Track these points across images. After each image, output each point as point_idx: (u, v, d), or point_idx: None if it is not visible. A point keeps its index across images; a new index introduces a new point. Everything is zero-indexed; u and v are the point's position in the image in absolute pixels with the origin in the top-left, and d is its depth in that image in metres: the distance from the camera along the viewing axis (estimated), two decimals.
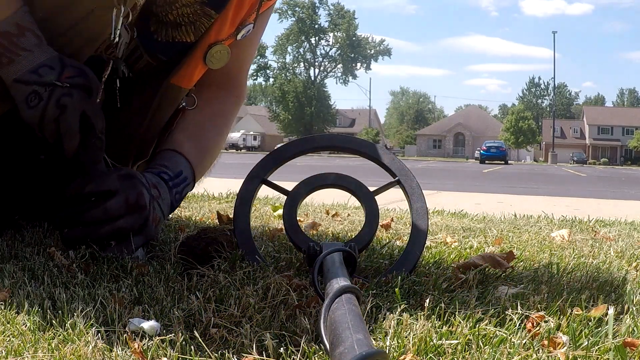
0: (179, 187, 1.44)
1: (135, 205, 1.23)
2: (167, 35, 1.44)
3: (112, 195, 1.22)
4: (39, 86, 1.21)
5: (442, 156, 58.68)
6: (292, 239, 1.26)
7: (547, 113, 71.14)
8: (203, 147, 1.56)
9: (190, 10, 1.42)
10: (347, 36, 55.26)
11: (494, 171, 17.06)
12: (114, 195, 1.22)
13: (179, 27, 1.44)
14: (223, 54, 1.49)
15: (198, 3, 1.41)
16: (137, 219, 1.24)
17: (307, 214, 2.37)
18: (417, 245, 1.27)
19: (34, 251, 1.24)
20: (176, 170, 1.44)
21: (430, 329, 0.86)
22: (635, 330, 0.91)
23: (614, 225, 2.52)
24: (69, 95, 1.23)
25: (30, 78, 1.21)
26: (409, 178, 1.34)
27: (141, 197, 1.25)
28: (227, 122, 1.69)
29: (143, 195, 1.25)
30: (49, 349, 0.74)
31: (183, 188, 1.46)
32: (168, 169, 1.43)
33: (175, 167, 1.44)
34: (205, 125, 1.59)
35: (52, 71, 1.22)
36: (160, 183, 1.38)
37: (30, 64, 1.22)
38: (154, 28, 1.43)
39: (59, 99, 1.22)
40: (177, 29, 1.44)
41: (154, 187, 1.33)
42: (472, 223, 2.35)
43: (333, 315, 0.71)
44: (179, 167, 1.45)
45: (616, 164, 52.11)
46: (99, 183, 1.22)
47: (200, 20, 1.44)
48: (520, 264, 1.42)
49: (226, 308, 0.91)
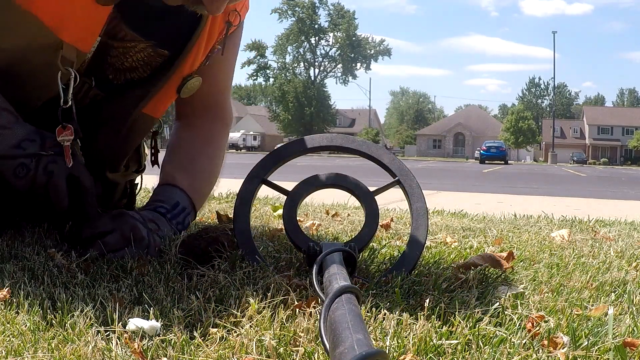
0: (178, 217, 1.47)
1: (131, 239, 1.28)
2: (124, 77, 1.49)
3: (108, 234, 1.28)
4: (24, 158, 1.29)
5: (442, 156, 58.68)
6: (292, 239, 1.26)
7: (547, 113, 71.14)
8: (196, 175, 1.59)
9: (144, 55, 1.47)
10: (347, 36, 55.25)
11: (494, 171, 17.06)
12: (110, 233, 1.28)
13: (135, 70, 1.49)
14: (195, 84, 1.54)
15: (150, 47, 1.46)
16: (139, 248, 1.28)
17: (307, 214, 2.37)
18: (417, 245, 1.27)
19: (34, 251, 1.24)
20: (172, 202, 1.48)
21: (430, 329, 0.86)
22: (635, 330, 0.91)
23: (614, 225, 2.52)
24: (54, 162, 1.30)
25: (16, 153, 1.29)
26: (408, 178, 1.34)
27: (136, 230, 1.29)
28: (218, 147, 1.71)
29: (138, 228, 1.30)
30: (49, 349, 0.74)
31: (184, 218, 1.49)
32: (164, 203, 1.48)
33: (170, 200, 1.49)
34: (196, 154, 1.62)
35: (34, 143, 1.30)
36: (159, 217, 1.42)
37: (13, 140, 1.29)
38: (112, 76, 1.48)
39: (45, 166, 1.30)
40: (134, 72, 1.49)
41: (151, 222, 1.37)
42: (472, 223, 2.35)
43: (333, 315, 0.71)
44: (175, 198, 1.50)
45: (616, 164, 52.12)
46: (93, 227, 1.28)
47: (154, 60, 1.49)
48: (520, 264, 1.42)
49: (226, 308, 0.91)
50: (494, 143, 40.08)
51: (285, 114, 54.23)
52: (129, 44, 1.44)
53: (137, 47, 1.45)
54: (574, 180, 12.96)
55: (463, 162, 38.95)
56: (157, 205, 1.46)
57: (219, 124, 1.72)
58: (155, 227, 1.37)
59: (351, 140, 1.42)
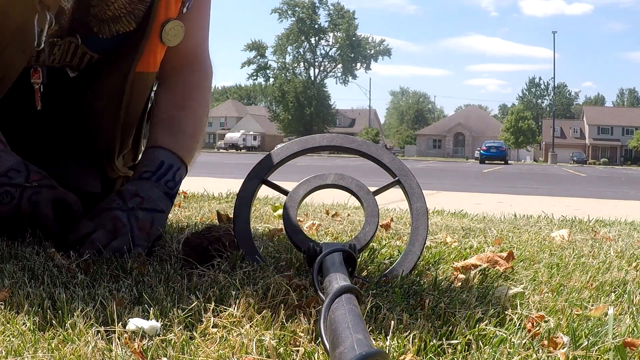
0: (166, 175, 1.47)
1: (115, 230, 1.32)
2: (110, 31, 1.50)
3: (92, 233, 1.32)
4: (10, 187, 1.34)
5: (442, 156, 58.68)
6: (292, 239, 1.26)
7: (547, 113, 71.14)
8: (180, 131, 1.57)
9: (125, 1, 1.47)
10: (347, 36, 55.25)
11: (494, 171, 17.06)
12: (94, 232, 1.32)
13: (119, 20, 1.49)
14: (177, 29, 1.53)
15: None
16: (124, 239, 1.32)
17: (307, 214, 2.37)
18: (417, 245, 1.27)
19: (34, 251, 1.24)
20: (156, 164, 1.48)
21: (430, 329, 0.86)
22: (635, 330, 0.91)
23: (614, 225, 2.52)
24: (38, 193, 1.36)
25: (2, 181, 1.34)
26: (408, 178, 1.34)
27: (117, 221, 1.34)
28: (200, 98, 1.68)
29: (118, 218, 1.34)
30: (49, 349, 0.74)
31: (173, 174, 1.49)
32: (147, 167, 1.48)
33: (153, 162, 1.49)
34: (176, 111, 1.61)
35: (19, 174, 1.36)
36: (142, 186, 1.43)
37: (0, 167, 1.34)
38: (96, 29, 1.49)
39: (29, 197, 1.35)
40: (118, 22, 1.49)
41: (133, 196, 1.39)
42: (472, 223, 2.35)
43: (333, 315, 0.71)
44: (158, 159, 1.49)
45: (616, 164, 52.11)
46: (76, 231, 1.33)
47: (137, 7, 1.49)
48: (520, 264, 1.42)
49: (226, 308, 0.91)
50: (494, 143, 40.06)
51: (285, 114, 54.23)
52: None
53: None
54: (574, 180, 12.96)
55: (463, 162, 38.94)
56: (140, 173, 1.47)
57: (198, 75, 1.70)
58: (138, 201, 1.39)
59: (351, 140, 1.42)
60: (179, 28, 1.53)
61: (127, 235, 1.32)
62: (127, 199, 1.38)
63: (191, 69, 1.68)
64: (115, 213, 1.35)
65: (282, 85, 54.84)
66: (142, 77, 1.56)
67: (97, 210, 1.38)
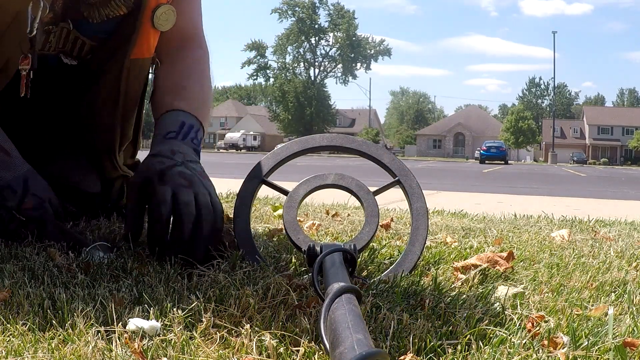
0: (189, 134, 1.46)
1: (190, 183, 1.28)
2: (100, 15, 1.50)
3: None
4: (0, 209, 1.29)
5: (442, 156, 58.68)
6: (292, 239, 1.26)
7: (547, 113, 71.12)
8: (190, 96, 1.57)
9: None
10: (347, 36, 55.24)
11: (494, 171, 17.05)
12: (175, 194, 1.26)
13: (108, 4, 1.50)
14: (169, 14, 1.53)
15: None
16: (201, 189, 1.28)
17: (307, 214, 2.37)
18: (417, 245, 1.27)
19: (34, 251, 1.24)
20: (178, 124, 1.46)
21: (430, 329, 0.86)
22: (635, 330, 0.91)
23: (614, 225, 2.52)
24: (25, 227, 1.29)
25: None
26: (409, 178, 1.34)
27: (184, 175, 1.29)
28: (203, 71, 1.69)
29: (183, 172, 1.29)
30: (49, 349, 0.74)
31: (195, 133, 1.48)
32: (169, 127, 1.45)
33: (174, 123, 1.47)
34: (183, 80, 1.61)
35: (14, 195, 1.30)
36: (172, 144, 1.39)
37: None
38: (86, 13, 1.49)
39: (15, 228, 1.29)
40: (107, 6, 1.50)
41: (174, 153, 1.36)
42: (472, 223, 2.35)
43: (333, 315, 0.71)
44: (179, 119, 1.48)
45: (616, 164, 52.11)
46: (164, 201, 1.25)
47: None
48: (520, 264, 1.42)
49: (226, 308, 0.91)
50: (494, 143, 40.05)
51: (286, 114, 54.23)
52: None
53: None
54: (574, 180, 12.96)
55: (463, 162, 38.94)
56: (164, 133, 1.44)
57: (199, 51, 1.71)
58: (181, 156, 1.35)
59: (351, 140, 1.42)
60: (171, 12, 1.53)
61: (200, 184, 1.29)
62: (170, 155, 1.35)
63: (190, 46, 1.70)
64: (177, 169, 1.30)
65: (282, 85, 54.84)
66: (137, 63, 1.57)
67: (159, 174, 1.29)
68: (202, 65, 1.70)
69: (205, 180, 1.33)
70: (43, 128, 1.63)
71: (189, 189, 1.26)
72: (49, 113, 1.61)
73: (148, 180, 1.29)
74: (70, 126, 1.63)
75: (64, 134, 1.64)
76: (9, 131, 1.42)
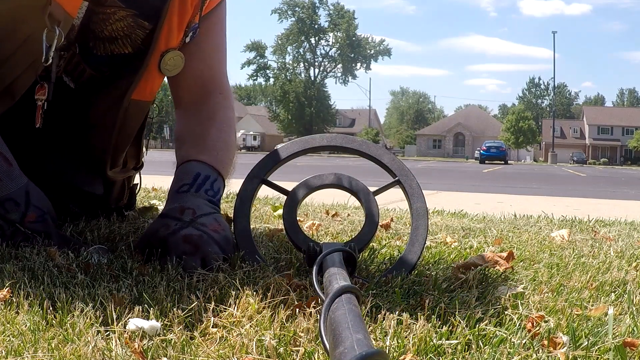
0: (204, 186, 1.40)
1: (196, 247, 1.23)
2: (105, 49, 1.51)
3: None
4: (3, 221, 1.28)
5: (442, 156, 58.68)
6: (292, 239, 1.26)
7: (547, 113, 71.13)
8: (211, 147, 1.50)
9: (124, 24, 1.48)
10: (347, 36, 55.23)
11: (493, 171, 17.05)
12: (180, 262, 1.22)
13: (115, 41, 1.50)
14: (177, 60, 1.53)
15: (131, 16, 1.47)
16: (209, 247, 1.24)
17: (307, 214, 2.37)
18: (417, 245, 1.27)
19: (34, 251, 1.24)
20: (192, 176, 1.41)
21: (430, 329, 0.86)
22: (635, 330, 0.91)
23: (614, 225, 2.52)
24: (27, 240, 1.28)
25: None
26: (409, 178, 1.34)
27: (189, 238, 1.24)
28: (224, 118, 1.62)
29: (188, 236, 1.24)
30: (49, 349, 0.74)
31: (211, 184, 1.42)
32: (183, 180, 1.41)
33: (189, 175, 1.42)
34: (203, 130, 1.56)
35: (17, 208, 1.29)
36: (183, 199, 1.35)
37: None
38: (92, 44, 1.50)
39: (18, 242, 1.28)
40: (114, 43, 1.50)
41: (182, 211, 1.31)
42: (472, 223, 2.35)
43: (333, 315, 0.71)
44: (193, 171, 1.43)
45: (616, 164, 52.10)
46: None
47: (135, 32, 1.50)
48: (520, 264, 1.42)
49: (226, 308, 0.91)
50: (494, 143, 40.03)
51: (286, 114, 54.24)
52: (110, 9, 1.45)
53: (117, 14, 1.46)
54: (574, 180, 12.96)
55: (463, 162, 38.93)
56: (178, 187, 1.40)
57: (219, 97, 1.65)
58: (191, 212, 1.30)
59: (351, 140, 1.42)
60: (179, 58, 1.52)
61: (209, 242, 1.23)
62: (178, 216, 1.30)
63: (212, 92, 1.64)
64: (181, 233, 1.25)
65: (282, 85, 54.84)
66: (137, 105, 1.57)
67: (162, 241, 1.25)
68: (223, 111, 1.62)
69: (218, 232, 1.27)
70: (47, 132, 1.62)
71: (195, 255, 1.21)
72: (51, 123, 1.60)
73: (151, 247, 1.26)
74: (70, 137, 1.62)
75: (66, 141, 1.63)
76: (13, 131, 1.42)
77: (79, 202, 1.63)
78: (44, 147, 1.60)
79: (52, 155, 1.60)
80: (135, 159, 1.80)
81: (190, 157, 1.46)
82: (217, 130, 1.56)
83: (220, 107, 1.63)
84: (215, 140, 1.53)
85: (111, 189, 1.73)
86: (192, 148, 1.49)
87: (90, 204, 1.66)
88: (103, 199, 1.70)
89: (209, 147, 1.50)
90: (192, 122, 1.58)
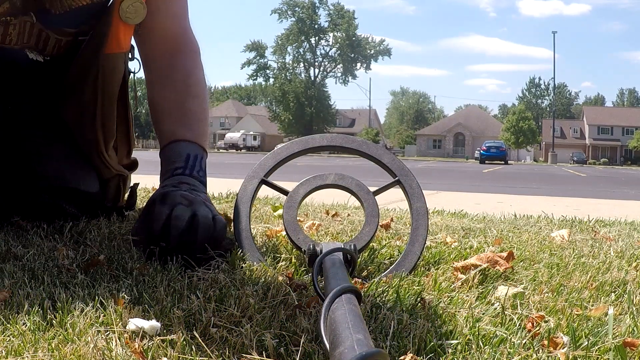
0: (195, 167, 1.49)
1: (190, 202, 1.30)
2: (62, 6, 1.47)
3: None
4: None
5: (442, 156, 58.68)
6: (292, 239, 1.26)
7: (547, 113, 71.14)
8: (192, 119, 1.58)
9: None
10: (347, 36, 55.24)
11: (493, 171, 17.05)
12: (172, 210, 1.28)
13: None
14: (137, 6, 1.51)
15: None
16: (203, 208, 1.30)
17: (307, 214, 2.37)
18: (417, 245, 1.27)
19: (34, 251, 1.24)
20: (183, 158, 1.49)
21: (430, 329, 0.86)
22: (635, 330, 0.91)
23: (614, 225, 2.52)
24: None
25: None
26: (409, 178, 1.34)
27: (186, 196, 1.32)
28: (198, 79, 1.66)
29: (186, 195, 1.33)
30: (49, 349, 0.74)
31: (200, 164, 1.51)
32: (176, 163, 1.49)
33: (180, 157, 1.50)
34: (181, 97, 1.59)
35: None
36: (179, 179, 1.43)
37: None
38: (48, 4, 1.46)
39: None
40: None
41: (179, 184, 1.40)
42: (472, 223, 2.35)
43: (333, 315, 0.71)
44: (184, 152, 1.50)
45: (616, 164, 52.09)
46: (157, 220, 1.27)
47: None
48: (520, 264, 1.42)
49: (226, 308, 0.91)
50: (494, 143, 40.03)
51: (286, 114, 54.25)
52: None
53: None
54: (574, 180, 12.96)
55: (463, 162, 38.94)
56: (172, 170, 1.47)
57: (189, 55, 1.67)
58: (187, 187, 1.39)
59: (351, 140, 1.42)
60: (139, 4, 1.50)
61: (202, 204, 1.31)
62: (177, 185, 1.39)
63: (182, 50, 1.65)
64: (180, 192, 1.33)
65: (282, 85, 54.85)
66: (110, 58, 1.54)
67: (160, 195, 1.33)
68: (196, 72, 1.65)
69: (210, 204, 1.35)
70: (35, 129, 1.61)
71: (187, 207, 1.28)
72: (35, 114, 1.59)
73: (152, 202, 1.32)
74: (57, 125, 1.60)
75: (56, 134, 1.61)
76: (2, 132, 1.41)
77: (75, 202, 1.62)
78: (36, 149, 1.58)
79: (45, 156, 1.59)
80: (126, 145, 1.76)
81: (177, 136, 1.53)
82: (196, 97, 1.62)
83: (194, 68, 1.66)
84: (195, 109, 1.60)
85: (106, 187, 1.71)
86: (176, 122, 1.56)
87: (88, 204, 1.66)
88: (99, 198, 1.68)
89: (191, 121, 1.57)
90: (168, 88, 1.61)
